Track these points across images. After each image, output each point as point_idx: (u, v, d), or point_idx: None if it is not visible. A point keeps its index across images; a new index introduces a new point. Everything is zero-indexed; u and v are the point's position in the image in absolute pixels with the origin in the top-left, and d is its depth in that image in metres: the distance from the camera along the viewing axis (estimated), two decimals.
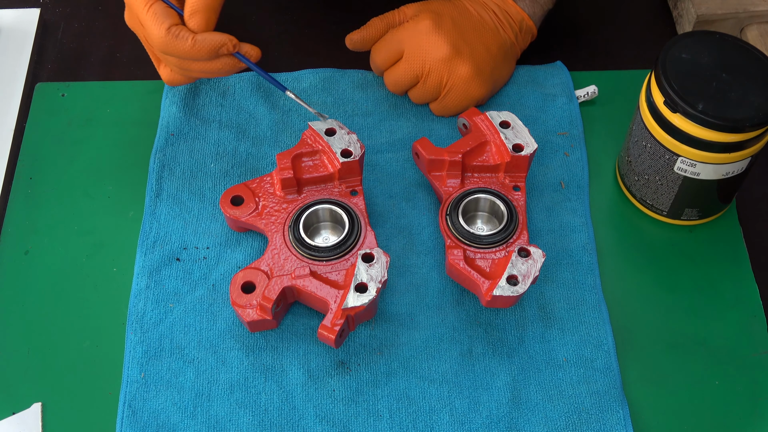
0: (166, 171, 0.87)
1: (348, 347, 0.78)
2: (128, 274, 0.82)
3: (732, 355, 0.79)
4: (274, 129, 0.90)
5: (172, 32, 0.76)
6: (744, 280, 0.82)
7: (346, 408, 0.75)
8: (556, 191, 0.86)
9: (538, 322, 0.79)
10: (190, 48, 0.76)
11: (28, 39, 0.96)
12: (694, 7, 0.95)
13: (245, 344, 0.78)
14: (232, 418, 0.74)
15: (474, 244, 0.78)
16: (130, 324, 0.78)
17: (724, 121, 0.74)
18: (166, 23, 0.76)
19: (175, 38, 0.76)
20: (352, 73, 0.94)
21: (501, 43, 0.88)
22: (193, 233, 0.83)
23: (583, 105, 0.93)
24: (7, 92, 0.92)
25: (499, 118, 0.83)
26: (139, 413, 0.74)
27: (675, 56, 0.77)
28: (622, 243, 0.85)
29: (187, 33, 0.76)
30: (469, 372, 0.77)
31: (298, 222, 0.79)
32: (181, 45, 0.76)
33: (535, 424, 0.74)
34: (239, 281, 0.76)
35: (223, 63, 0.79)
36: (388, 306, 0.80)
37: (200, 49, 0.76)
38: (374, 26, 0.89)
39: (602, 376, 0.77)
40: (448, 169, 0.82)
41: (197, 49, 0.76)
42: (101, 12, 1.00)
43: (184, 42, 0.76)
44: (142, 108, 0.92)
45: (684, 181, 0.80)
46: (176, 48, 0.76)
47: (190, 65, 0.78)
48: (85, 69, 0.95)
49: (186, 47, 0.76)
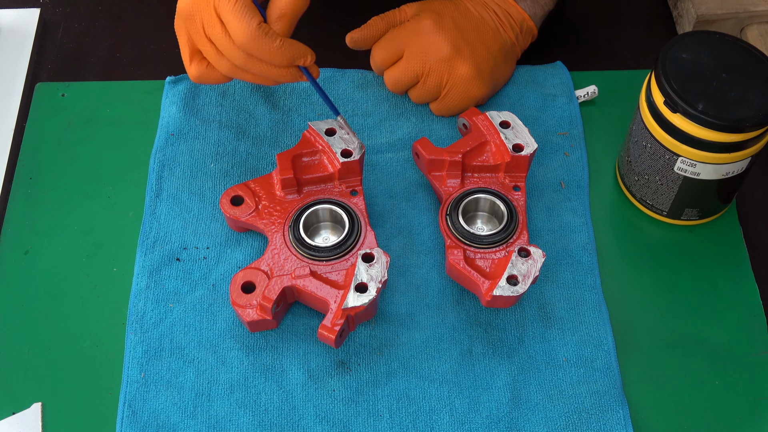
0: (166, 171, 0.87)
1: (348, 347, 0.78)
2: (128, 274, 0.82)
3: (732, 355, 0.79)
4: (274, 129, 0.90)
5: (263, 29, 0.73)
6: (744, 280, 0.82)
7: (346, 408, 0.75)
8: (556, 191, 0.86)
9: (538, 322, 0.79)
10: (276, 49, 0.74)
11: (28, 39, 0.96)
12: (694, 7, 0.95)
13: (245, 344, 0.77)
14: (232, 418, 0.74)
15: (474, 244, 0.78)
16: (130, 324, 0.78)
17: (724, 121, 0.74)
18: (256, 19, 0.74)
19: (265, 35, 0.73)
20: (352, 73, 0.94)
21: (501, 43, 0.88)
22: (193, 233, 0.83)
23: (583, 105, 0.93)
24: (7, 92, 0.92)
25: (499, 118, 0.83)
26: (139, 413, 0.74)
27: (675, 56, 0.77)
28: (622, 243, 0.85)
29: (275, 33, 0.74)
30: (469, 372, 0.77)
31: (298, 222, 0.79)
32: (269, 44, 0.74)
33: (535, 424, 0.74)
34: (239, 281, 0.76)
35: (289, 72, 0.76)
36: (388, 306, 0.80)
37: (285, 52, 0.74)
38: (375, 25, 0.89)
39: (602, 376, 0.77)
40: (448, 169, 0.82)
41: (282, 51, 0.74)
42: (101, 12, 1.00)
43: (272, 42, 0.74)
44: (142, 108, 0.92)
45: (684, 181, 0.80)
46: (261, 46, 0.74)
47: (257, 66, 0.76)
48: (85, 69, 0.95)
49: (273, 47, 0.74)
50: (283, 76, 0.77)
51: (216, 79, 0.81)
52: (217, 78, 0.81)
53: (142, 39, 0.97)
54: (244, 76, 0.78)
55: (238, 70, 0.78)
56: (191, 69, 0.80)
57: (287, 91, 0.92)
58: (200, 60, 0.80)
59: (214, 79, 0.80)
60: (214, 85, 0.92)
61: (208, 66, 0.79)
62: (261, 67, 0.76)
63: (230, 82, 0.92)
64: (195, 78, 0.81)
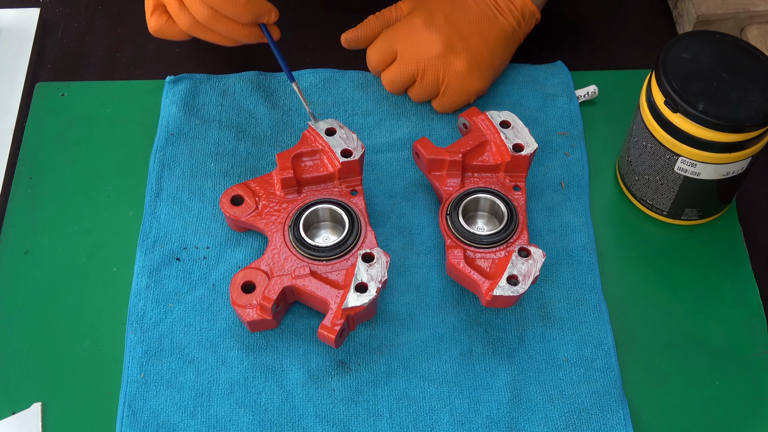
0: (166, 171, 0.87)
1: (348, 347, 0.78)
2: (128, 274, 0.82)
3: (732, 355, 0.79)
4: (274, 129, 0.90)
5: None
6: (744, 280, 0.82)
7: (346, 408, 0.75)
8: (556, 191, 0.86)
9: (538, 322, 0.79)
10: (242, 4, 0.74)
11: (28, 39, 0.96)
12: (694, 7, 0.95)
13: (245, 344, 0.77)
14: (232, 418, 0.74)
15: (474, 244, 0.78)
16: (130, 324, 0.78)
17: (725, 121, 0.74)
18: None
19: None
20: (352, 73, 0.94)
21: (500, 31, 0.88)
22: (193, 233, 0.83)
23: (584, 105, 0.93)
24: (7, 92, 0.92)
25: (500, 118, 0.83)
26: (139, 413, 0.74)
27: (675, 56, 0.77)
28: (622, 243, 0.85)
29: None
30: (469, 372, 0.77)
31: (298, 222, 0.79)
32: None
33: (535, 424, 0.74)
34: (239, 281, 0.76)
35: (251, 31, 0.77)
36: (388, 306, 0.80)
37: (250, 7, 0.75)
38: (369, 25, 0.89)
39: (602, 376, 0.77)
40: (449, 168, 0.82)
41: (248, 7, 0.74)
42: (101, 12, 1.00)
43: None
44: (142, 108, 0.92)
45: (684, 181, 0.80)
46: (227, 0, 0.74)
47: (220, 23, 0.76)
48: (85, 69, 0.95)
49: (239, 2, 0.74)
50: (245, 36, 0.78)
51: (174, 34, 0.81)
52: (175, 33, 0.81)
53: (142, 39, 0.97)
54: (204, 34, 0.78)
55: (199, 27, 0.78)
56: (151, 21, 0.80)
57: (287, 91, 0.92)
58: (161, 13, 0.80)
59: (172, 34, 0.80)
60: (214, 85, 0.92)
61: (168, 20, 0.80)
62: (223, 23, 0.76)
63: (230, 82, 0.92)
64: (153, 31, 0.81)
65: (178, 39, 0.82)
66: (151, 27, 0.81)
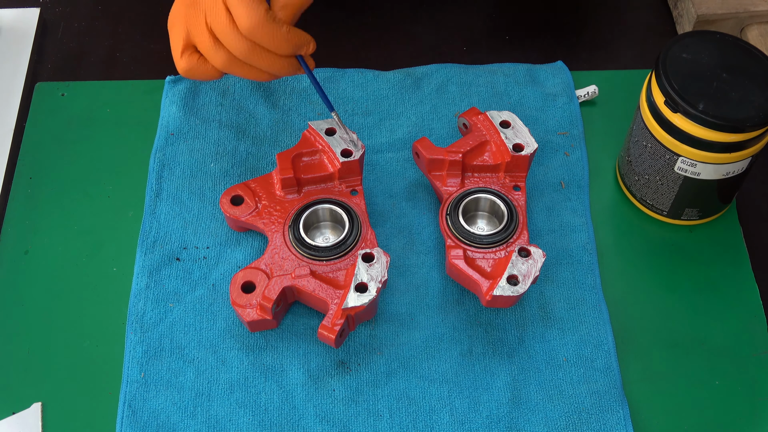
0: (166, 171, 0.87)
1: (348, 347, 0.78)
2: (128, 274, 0.82)
3: (732, 355, 0.79)
4: (274, 129, 0.90)
5: (271, 15, 0.72)
6: (744, 280, 0.82)
7: (346, 408, 0.75)
8: (556, 191, 0.86)
9: (538, 322, 0.79)
10: (283, 35, 0.73)
11: (28, 39, 0.96)
12: (694, 7, 0.95)
13: (245, 344, 0.77)
14: (232, 418, 0.74)
15: (474, 244, 0.78)
16: (130, 324, 0.78)
17: (725, 121, 0.74)
18: (264, 6, 0.72)
19: (272, 21, 0.72)
20: (352, 73, 0.94)
21: None
22: (193, 233, 0.83)
23: (584, 105, 0.93)
24: (7, 92, 0.92)
25: (500, 118, 0.83)
26: (139, 413, 0.74)
27: (675, 56, 0.77)
28: (622, 243, 0.85)
29: (282, 20, 0.73)
30: (469, 372, 0.77)
31: (298, 221, 0.79)
32: (276, 30, 0.72)
33: (535, 424, 0.74)
34: (239, 281, 0.76)
35: (290, 63, 0.75)
36: (388, 306, 0.80)
37: (291, 38, 0.73)
38: None
39: (602, 375, 0.77)
40: (448, 168, 0.82)
41: (289, 37, 0.73)
42: (101, 12, 1.00)
43: (279, 27, 0.72)
44: (142, 108, 0.92)
45: (684, 181, 0.80)
46: (269, 31, 0.72)
47: (259, 57, 0.74)
48: (85, 69, 0.95)
49: (280, 33, 0.72)
50: (284, 68, 0.75)
51: (207, 73, 0.77)
52: (208, 72, 0.77)
53: (142, 39, 0.97)
54: (240, 70, 0.76)
55: (234, 63, 0.75)
56: (181, 62, 0.77)
57: (287, 91, 0.92)
58: (192, 53, 0.77)
59: (204, 73, 0.77)
60: (213, 85, 0.92)
61: (200, 59, 0.76)
62: (263, 57, 0.74)
63: (230, 82, 0.92)
64: (184, 71, 0.77)
65: (211, 79, 0.78)
66: (181, 68, 0.77)
